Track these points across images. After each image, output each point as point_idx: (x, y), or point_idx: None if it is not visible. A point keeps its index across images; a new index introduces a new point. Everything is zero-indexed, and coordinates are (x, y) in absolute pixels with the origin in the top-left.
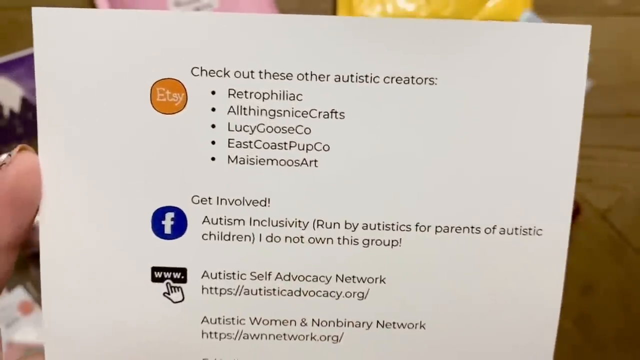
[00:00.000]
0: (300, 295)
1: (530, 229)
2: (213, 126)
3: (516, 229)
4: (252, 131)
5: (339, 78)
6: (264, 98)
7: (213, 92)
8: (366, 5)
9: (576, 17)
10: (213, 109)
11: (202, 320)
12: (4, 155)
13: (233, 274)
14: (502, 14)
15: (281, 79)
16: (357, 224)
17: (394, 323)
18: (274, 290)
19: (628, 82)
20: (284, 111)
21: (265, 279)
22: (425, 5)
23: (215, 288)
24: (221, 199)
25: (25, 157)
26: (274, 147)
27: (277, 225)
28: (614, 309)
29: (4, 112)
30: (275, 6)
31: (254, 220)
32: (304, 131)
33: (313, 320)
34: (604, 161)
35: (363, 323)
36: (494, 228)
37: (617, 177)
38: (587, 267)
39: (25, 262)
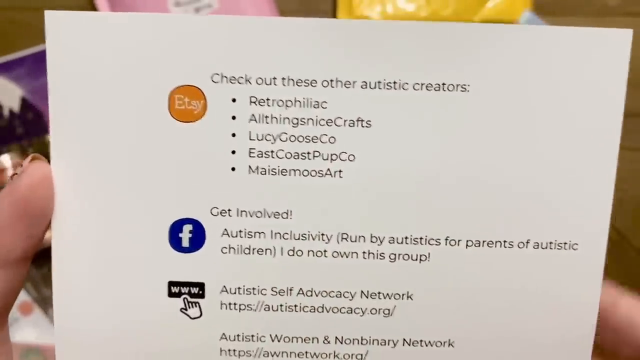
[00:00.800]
0: (323, 311)
1: (565, 244)
2: (233, 135)
3: (550, 243)
4: (274, 140)
5: (366, 85)
6: (286, 106)
7: (234, 100)
8: (366, 6)
9: (576, 17)
10: (233, 117)
11: (221, 337)
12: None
13: (253, 289)
14: (502, 14)
15: (305, 85)
16: (384, 237)
17: (421, 341)
18: (295, 306)
19: (628, 82)
20: (308, 119)
21: (287, 294)
22: (425, 6)
23: (235, 304)
24: (241, 211)
25: (38, 166)
26: (296, 157)
27: (299, 238)
28: None
29: (3, 112)
30: (274, 6)
31: (275, 234)
32: (329, 140)
33: (336, 337)
34: None
35: (389, 341)
36: (527, 242)
37: (617, 177)
38: None
39: None
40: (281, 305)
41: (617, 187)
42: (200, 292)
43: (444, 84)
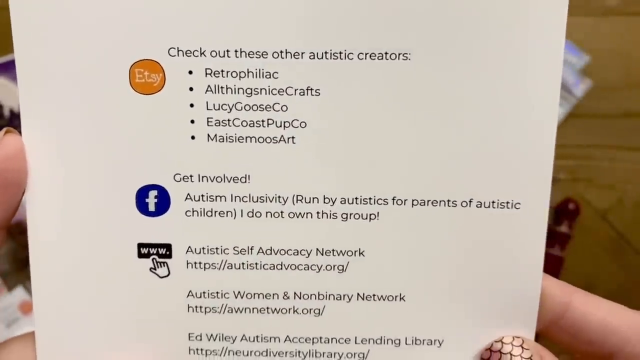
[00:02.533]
0: (282, 268)
1: (508, 203)
2: (192, 105)
3: (493, 202)
4: (230, 109)
5: (314, 55)
6: (240, 77)
7: (190, 72)
8: None
9: (576, 17)
10: (191, 89)
11: (188, 295)
12: None
13: (216, 248)
14: None
15: (257, 57)
16: (336, 198)
17: (374, 295)
18: (256, 264)
19: (628, 82)
20: (261, 89)
21: (248, 253)
22: None
23: (200, 263)
24: (202, 177)
25: (12, 139)
26: (252, 124)
27: (257, 200)
28: None
29: (4, 112)
30: None
31: (235, 197)
32: (281, 109)
33: (295, 293)
34: (604, 161)
35: (344, 296)
36: (470, 201)
37: (617, 177)
38: (587, 267)
39: (26, 262)
40: (243, 264)
41: (617, 187)
42: (168, 252)
43: (386, 53)
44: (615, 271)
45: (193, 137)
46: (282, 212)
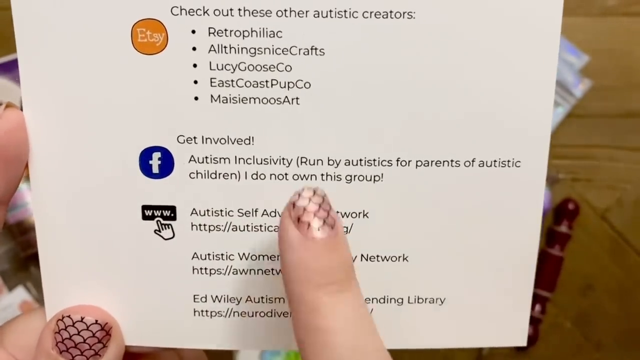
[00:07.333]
0: None
1: (508, 161)
2: (195, 65)
3: (495, 161)
4: (234, 70)
5: (318, 14)
6: (244, 36)
7: (193, 31)
8: None
9: (576, 17)
10: (194, 48)
11: (193, 257)
12: None
13: (221, 211)
14: None
15: (260, 16)
16: (340, 160)
17: (377, 256)
18: (260, 226)
19: (628, 82)
20: (265, 49)
21: (252, 215)
22: None
23: (204, 225)
24: (206, 138)
25: (12, 114)
26: (255, 85)
27: (261, 163)
28: (614, 309)
29: None
30: None
31: (239, 159)
32: (285, 69)
33: None
34: (604, 161)
35: None
36: (473, 161)
37: (617, 177)
38: (586, 267)
39: (26, 262)
40: (247, 226)
41: (617, 187)
42: (172, 214)
43: (391, 11)
44: (615, 271)
45: (196, 98)
46: (286, 174)
